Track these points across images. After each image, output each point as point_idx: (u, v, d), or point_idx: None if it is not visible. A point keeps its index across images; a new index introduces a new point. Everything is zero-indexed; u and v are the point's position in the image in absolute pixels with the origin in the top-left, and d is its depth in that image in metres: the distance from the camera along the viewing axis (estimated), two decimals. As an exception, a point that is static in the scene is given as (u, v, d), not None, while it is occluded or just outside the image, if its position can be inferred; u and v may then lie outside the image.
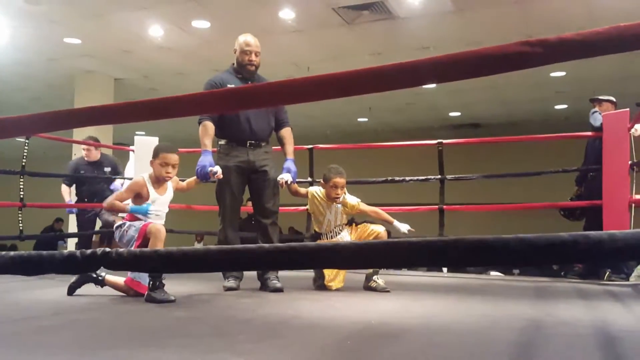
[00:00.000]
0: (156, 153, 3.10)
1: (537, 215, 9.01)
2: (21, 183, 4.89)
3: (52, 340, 1.94)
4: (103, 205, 3.16)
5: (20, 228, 4.91)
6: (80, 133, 8.18)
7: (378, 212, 3.65)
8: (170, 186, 3.18)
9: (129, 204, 3.04)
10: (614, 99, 5.01)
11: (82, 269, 1.00)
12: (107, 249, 0.95)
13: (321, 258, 0.92)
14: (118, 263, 0.96)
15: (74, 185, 5.63)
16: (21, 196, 4.85)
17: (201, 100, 1.45)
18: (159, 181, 3.10)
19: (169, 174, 3.06)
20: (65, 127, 1.58)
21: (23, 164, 4.94)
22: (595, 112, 4.76)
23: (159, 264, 1.01)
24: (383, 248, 0.86)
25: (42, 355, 1.71)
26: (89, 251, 0.95)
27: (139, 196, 3.04)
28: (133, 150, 5.51)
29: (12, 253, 1.05)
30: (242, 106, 2.07)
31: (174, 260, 0.95)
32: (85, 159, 5.58)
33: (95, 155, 5.59)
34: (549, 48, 0.99)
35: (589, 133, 4.73)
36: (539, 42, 0.99)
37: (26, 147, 4.93)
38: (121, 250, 0.97)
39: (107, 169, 5.59)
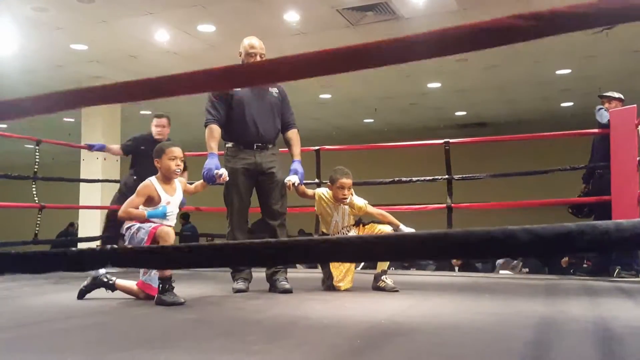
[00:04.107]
0: (161, 150, 3.10)
1: (545, 213, 8.96)
2: (34, 188, 4.94)
3: (63, 343, 1.96)
4: (119, 214, 3.12)
5: (36, 231, 4.95)
6: (89, 139, 8.26)
7: (384, 215, 3.64)
8: (179, 187, 3.18)
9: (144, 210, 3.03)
10: (622, 97, 4.99)
11: (92, 266, 1.01)
12: (115, 246, 0.96)
13: (327, 252, 0.92)
14: (126, 260, 0.97)
15: (131, 157, 5.17)
16: (35, 200, 4.89)
17: (200, 78, 1.45)
18: (167, 181, 3.10)
19: (179, 166, 3.07)
20: (71, 107, 1.59)
21: (35, 169, 5.00)
22: (601, 108, 4.75)
23: (167, 260, 1.02)
24: (389, 241, 0.87)
25: (54, 358, 1.72)
26: (97, 248, 0.96)
27: (150, 199, 3.02)
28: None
29: (22, 252, 1.06)
30: (236, 84, 2.08)
31: (182, 256, 0.96)
32: (156, 136, 4.97)
33: (166, 134, 5.03)
34: (542, 20, 0.99)
35: (596, 130, 4.71)
36: (533, 15, 1.00)
37: (37, 153, 4.99)
38: (129, 247, 0.98)
39: None
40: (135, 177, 4.91)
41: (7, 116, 1.64)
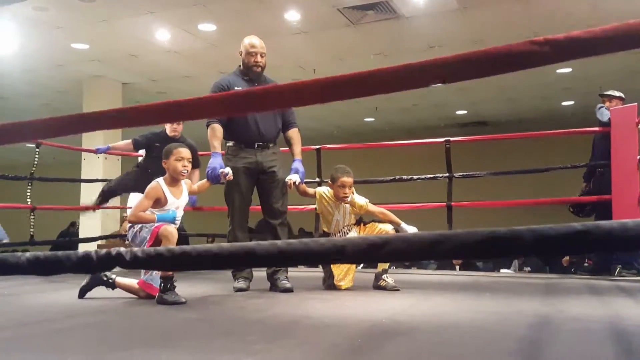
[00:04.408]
0: (169, 152, 3.14)
1: (546, 212, 8.95)
2: (28, 190, 4.94)
3: (64, 342, 1.96)
4: (129, 218, 3.15)
5: (31, 232, 4.95)
6: (89, 140, 8.27)
7: (386, 213, 3.63)
8: (185, 189, 3.20)
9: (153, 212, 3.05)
10: (623, 95, 4.99)
11: (97, 268, 1.01)
12: (122, 249, 0.96)
13: (326, 254, 0.93)
14: (132, 263, 0.98)
15: (144, 152, 5.15)
16: (28, 201, 4.89)
17: (210, 103, 1.46)
18: (174, 182, 3.12)
19: (186, 167, 3.09)
20: (76, 131, 1.59)
21: (32, 170, 5.00)
22: (602, 107, 4.75)
23: (172, 263, 1.02)
24: (391, 243, 0.87)
25: (55, 357, 1.73)
26: (103, 251, 0.97)
27: (158, 201, 3.05)
28: (142, 155, 5.54)
29: (27, 254, 1.06)
30: (250, 109, 2.08)
31: (186, 259, 0.96)
32: (170, 134, 4.94)
33: (179, 131, 4.99)
34: (557, 47, 0.99)
35: (597, 129, 4.71)
36: (547, 41, 0.99)
37: (37, 155, 4.98)
38: (135, 249, 0.98)
39: None
40: (149, 170, 4.92)
41: (19, 138, 1.63)
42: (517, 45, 1.00)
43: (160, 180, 3.11)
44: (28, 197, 4.92)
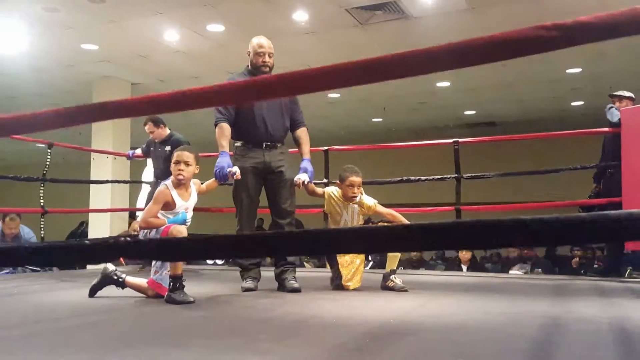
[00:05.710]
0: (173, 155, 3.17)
1: (555, 213, 8.89)
2: (41, 191, 4.96)
3: (74, 340, 1.97)
4: (140, 224, 3.18)
5: (42, 235, 4.98)
6: (99, 140, 8.32)
7: (394, 214, 3.62)
8: (194, 191, 3.21)
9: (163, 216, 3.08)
10: (633, 96, 4.95)
11: (102, 258, 1.02)
12: (129, 238, 0.97)
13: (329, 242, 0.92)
14: (138, 252, 0.98)
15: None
16: (42, 203, 4.92)
17: (214, 93, 1.46)
18: (181, 185, 3.13)
19: (181, 170, 3.09)
20: (82, 122, 1.59)
21: (45, 171, 5.03)
22: (612, 107, 4.71)
23: (181, 252, 1.02)
24: (397, 231, 0.87)
25: (65, 355, 1.74)
26: (110, 240, 0.97)
27: (167, 205, 3.07)
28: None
29: (34, 244, 1.07)
30: (254, 98, 2.08)
31: (193, 248, 0.96)
32: (154, 138, 5.14)
33: (161, 134, 5.07)
34: (565, 31, 0.98)
35: (607, 129, 4.67)
36: (555, 26, 0.99)
37: (49, 156, 5.01)
38: (141, 239, 0.98)
39: (167, 148, 4.91)
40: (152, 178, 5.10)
41: (26, 130, 1.64)
42: (525, 31, 1.00)
43: (168, 184, 3.12)
44: (41, 199, 4.94)
